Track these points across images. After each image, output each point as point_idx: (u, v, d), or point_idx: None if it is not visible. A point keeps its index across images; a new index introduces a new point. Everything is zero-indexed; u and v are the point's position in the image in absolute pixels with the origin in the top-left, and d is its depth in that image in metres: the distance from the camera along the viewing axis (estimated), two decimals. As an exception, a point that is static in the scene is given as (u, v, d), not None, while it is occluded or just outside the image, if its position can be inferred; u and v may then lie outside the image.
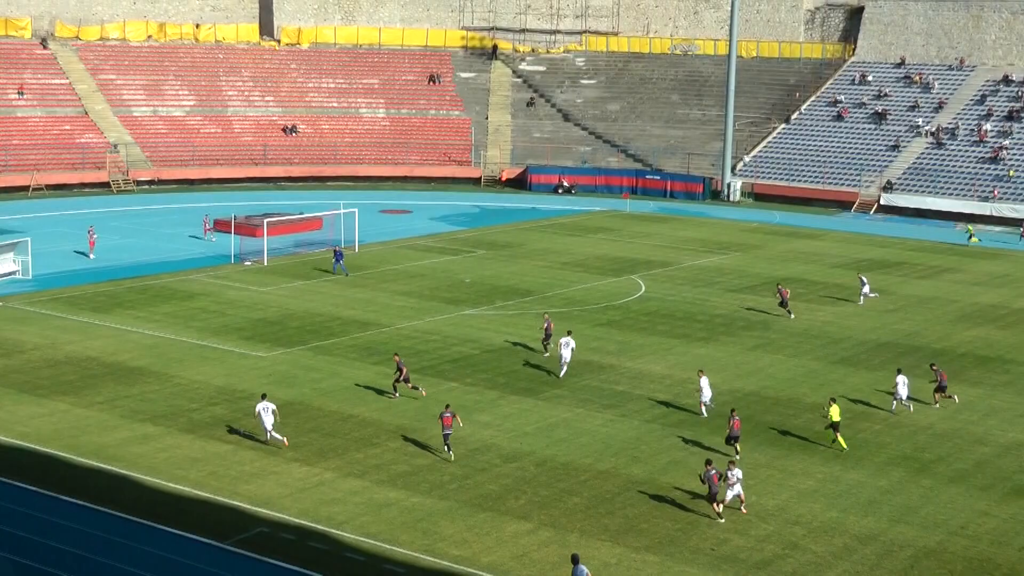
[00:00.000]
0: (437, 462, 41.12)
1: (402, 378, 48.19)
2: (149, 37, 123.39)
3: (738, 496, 37.61)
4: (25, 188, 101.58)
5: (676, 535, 35.87)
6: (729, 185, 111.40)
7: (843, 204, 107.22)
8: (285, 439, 42.42)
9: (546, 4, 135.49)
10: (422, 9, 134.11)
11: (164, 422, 44.64)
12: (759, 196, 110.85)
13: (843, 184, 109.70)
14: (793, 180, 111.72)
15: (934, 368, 50.88)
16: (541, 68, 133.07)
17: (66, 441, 42.35)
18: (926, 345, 59.45)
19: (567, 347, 51.78)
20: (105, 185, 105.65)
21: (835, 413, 43.98)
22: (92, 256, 75.23)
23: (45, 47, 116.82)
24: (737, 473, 37.57)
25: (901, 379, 48.72)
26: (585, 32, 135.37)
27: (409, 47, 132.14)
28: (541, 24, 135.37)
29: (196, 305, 63.34)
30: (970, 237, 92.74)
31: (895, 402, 48.80)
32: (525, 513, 37.18)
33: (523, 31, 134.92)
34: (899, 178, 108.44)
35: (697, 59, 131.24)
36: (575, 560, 31.11)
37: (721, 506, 37.17)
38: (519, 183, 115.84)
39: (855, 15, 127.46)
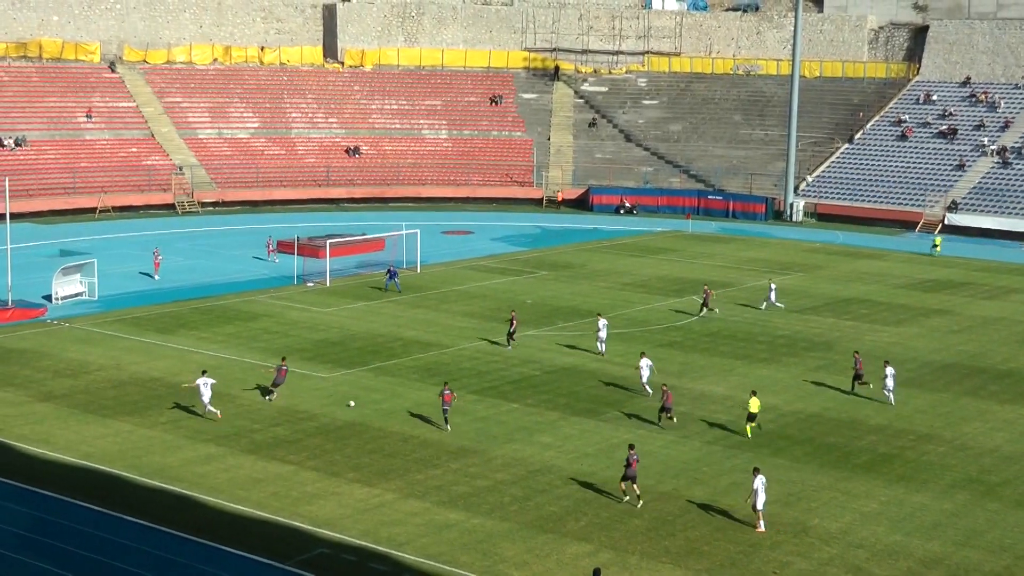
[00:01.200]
0: (498, 483, 41.09)
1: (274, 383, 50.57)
2: (215, 60, 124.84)
3: (760, 509, 37.50)
4: (92, 210, 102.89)
5: (738, 557, 35.58)
6: (792, 205, 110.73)
7: (907, 224, 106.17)
8: (219, 412, 47.24)
9: (608, 25, 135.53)
10: (484, 31, 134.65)
11: (226, 442, 44.94)
12: (822, 216, 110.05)
13: (907, 204, 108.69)
14: (856, 200, 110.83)
15: (856, 356, 54.20)
16: (603, 89, 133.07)
17: (130, 461, 42.75)
18: (992, 367, 58.69)
19: (604, 328, 58.57)
20: (171, 207, 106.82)
21: (753, 405, 46.96)
22: (157, 277, 76.03)
23: (113, 71, 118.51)
24: (764, 479, 37.64)
25: (890, 371, 51.33)
26: (647, 53, 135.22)
27: (471, 68, 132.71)
28: (603, 45, 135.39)
29: (259, 326, 63.80)
30: (935, 246, 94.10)
31: (887, 393, 51.25)
32: (586, 535, 37.04)
33: (585, 52, 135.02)
34: (964, 198, 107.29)
35: (760, 79, 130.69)
36: (596, 574, 31.33)
37: (628, 485, 39.14)
38: (581, 203, 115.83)
39: (919, 34, 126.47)
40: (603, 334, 58.85)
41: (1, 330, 61.56)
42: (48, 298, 68.09)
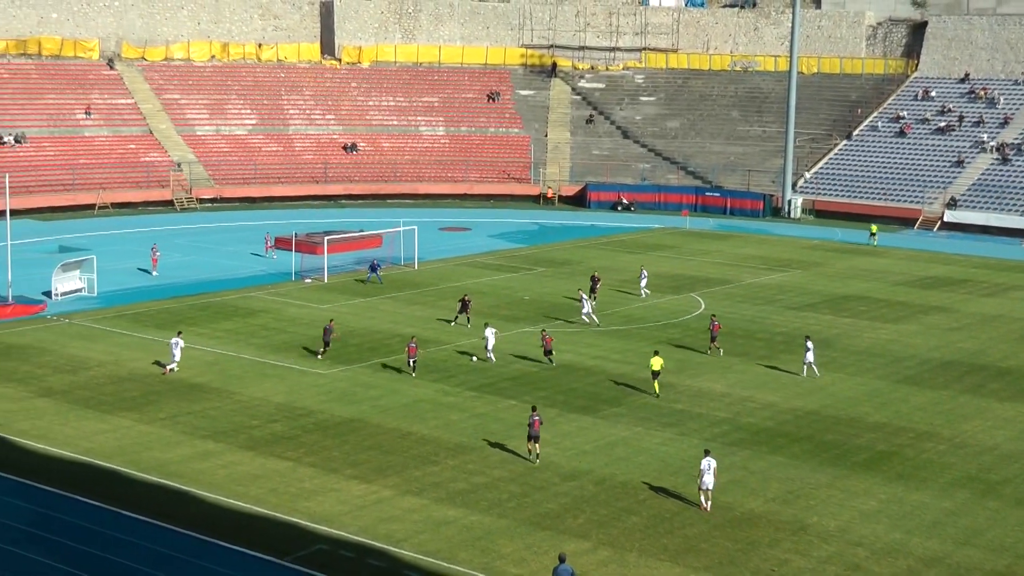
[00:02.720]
0: (496, 480, 41.07)
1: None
2: (212, 57, 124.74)
3: (708, 489, 38.66)
4: (91, 206, 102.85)
5: (736, 555, 35.57)
6: (790, 202, 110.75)
7: (906, 221, 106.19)
8: (166, 370, 53.05)
9: (605, 22, 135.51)
10: (482, 27, 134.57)
11: (225, 438, 44.93)
12: (820, 213, 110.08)
13: (906, 201, 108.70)
14: (855, 197, 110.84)
15: (713, 318, 60.65)
16: (600, 85, 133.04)
17: (129, 457, 42.74)
18: (992, 364, 58.68)
19: (586, 302, 63.39)
20: (169, 203, 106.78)
21: (655, 364, 51.34)
22: (155, 273, 75.98)
23: (112, 68, 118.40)
24: (711, 462, 38.72)
25: (810, 345, 55.51)
26: (644, 49, 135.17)
27: (469, 65, 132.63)
28: (600, 41, 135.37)
29: (257, 322, 63.76)
30: (872, 235, 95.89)
31: (804, 366, 55.22)
32: (584, 532, 37.03)
33: (582, 48, 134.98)
34: (963, 194, 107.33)
35: (757, 75, 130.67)
36: (561, 559, 31.57)
37: (537, 447, 42.49)
38: (578, 200, 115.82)
39: (918, 30, 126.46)
40: (586, 308, 64.57)
41: (1, 326, 61.56)
42: (48, 294, 68.08)
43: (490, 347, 56.16)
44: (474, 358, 56.68)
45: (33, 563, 34.30)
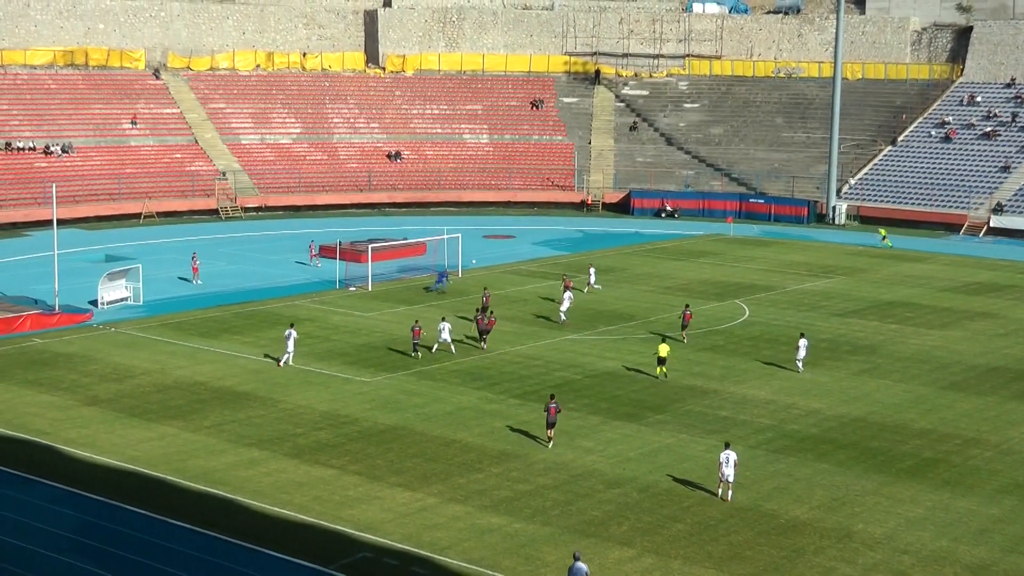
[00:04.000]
0: (540, 487, 41.08)
1: None
2: (257, 66, 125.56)
3: (728, 480, 39.77)
4: (137, 215, 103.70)
5: (781, 563, 35.41)
6: (834, 208, 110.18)
7: (951, 227, 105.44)
8: (280, 363, 56.00)
9: (649, 29, 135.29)
10: (525, 35, 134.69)
11: (270, 446, 45.16)
12: (865, 219, 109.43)
13: (951, 206, 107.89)
14: (900, 203, 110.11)
15: (686, 307, 63.26)
16: (644, 92, 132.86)
17: (174, 465, 43.03)
18: (1039, 370, 58.18)
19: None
20: (214, 212, 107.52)
21: (663, 350, 54.43)
22: (199, 282, 76.39)
23: (157, 78, 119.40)
24: (732, 456, 39.73)
25: (803, 342, 56.80)
26: (688, 56, 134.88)
27: (512, 73, 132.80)
28: (644, 48, 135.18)
29: (301, 330, 63.80)
30: (883, 239, 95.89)
31: (798, 363, 56.44)
32: (628, 539, 36.98)
33: (626, 56, 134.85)
34: (1009, 200, 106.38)
35: (801, 82, 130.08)
36: (576, 557, 31.92)
37: (551, 432, 44.87)
38: (622, 207, 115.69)
39: (963, 35, 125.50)
40: (564, 306, 66.43)
41: (48, 335, 62.18)
42: (94, 303, 68.64)
43: (443, 338, 58.83)
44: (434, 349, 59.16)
45: (79, 571, 34.59)
